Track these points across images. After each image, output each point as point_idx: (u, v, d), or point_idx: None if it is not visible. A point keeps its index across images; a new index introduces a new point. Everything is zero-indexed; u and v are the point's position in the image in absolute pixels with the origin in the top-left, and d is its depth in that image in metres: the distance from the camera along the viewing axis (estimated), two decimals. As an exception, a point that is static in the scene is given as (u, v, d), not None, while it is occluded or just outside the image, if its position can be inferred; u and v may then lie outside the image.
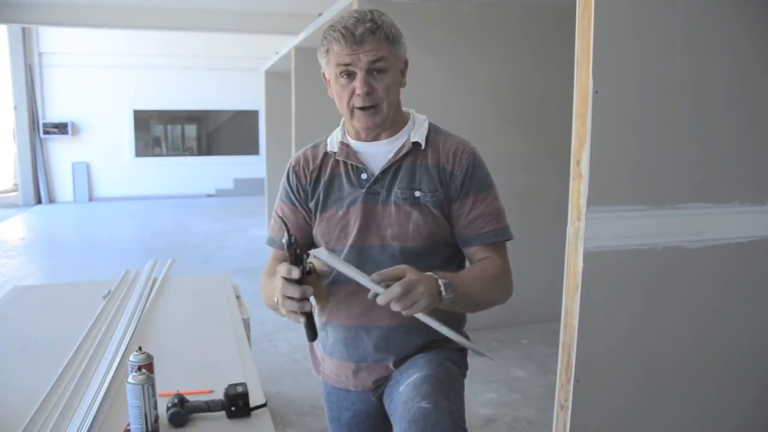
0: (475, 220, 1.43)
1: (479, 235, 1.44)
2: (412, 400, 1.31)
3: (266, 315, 4.24)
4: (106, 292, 2.44)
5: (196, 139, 12.18)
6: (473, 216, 1.43)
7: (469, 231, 1.44)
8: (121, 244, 6.97)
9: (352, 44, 1.34)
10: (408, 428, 1.27)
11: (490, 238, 1.44)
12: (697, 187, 1.78)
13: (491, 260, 1.43)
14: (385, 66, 1.38)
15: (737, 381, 1.95)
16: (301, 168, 1.52)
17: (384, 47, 1.36)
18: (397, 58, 1.42)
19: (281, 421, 2.73)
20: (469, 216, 1.44)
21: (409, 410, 1.30)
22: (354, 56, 1.35)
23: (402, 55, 1.44)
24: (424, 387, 1.34)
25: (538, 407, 2.92)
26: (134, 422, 1.30)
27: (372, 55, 1.35)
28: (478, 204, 1.43)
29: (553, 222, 2.87)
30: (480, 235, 1.44)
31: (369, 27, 1.34)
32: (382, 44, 1.36)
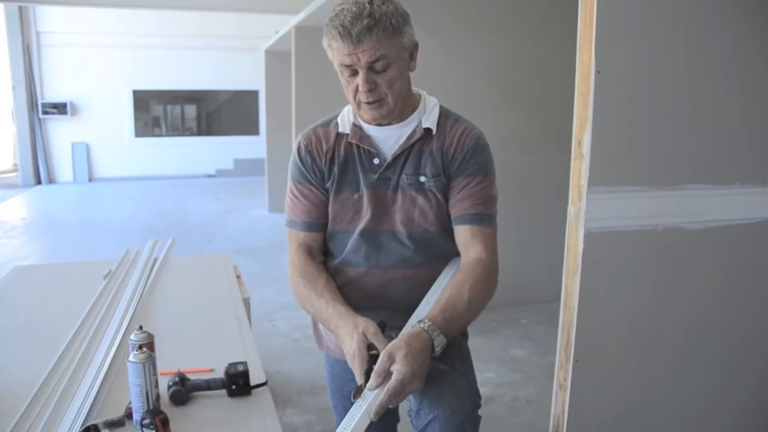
0: (464, 200, 1.43)
1: (463, 216, 1.43)
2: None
3: (266, 295, 4.26)
4: (106, 272, 2.45)
5: (196, 120, 12.13)
6: (462, 196, 1.43)
7: (455, 210, 1.44)
8: (122, 224, 6.98)
9: (350, 44, 1.31)
10: (425, 388, 1.28)
11: (474, 221, 1.43)
12: (699, 168, 1.77)
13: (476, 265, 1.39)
14: (387, 62, 1.35)
15: (737, 363, 1.95)
16: (314, 147, 1.50)
17: (384, 43, 1.32)
18: (401, 48, 1.37)
19: (281, 400, 2.75)
20: (459, 195, 1.44)
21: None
22: (353, 56, 1.33)
23: (407, 43, 1.39)
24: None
25: (537, 387, 2.94)
26: (136, 400, 1.31)
27: (370, 55, 1.32)
28: (470, 185, 1.43)
29: (553, 202, 2.87)
30: (464, 216, 1.43)
31: (366, 24, 1.29)
32: (381, 41, 1.32)
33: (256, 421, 1.36)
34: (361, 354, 1.24)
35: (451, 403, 1.26)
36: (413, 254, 1.47)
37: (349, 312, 1.33)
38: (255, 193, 8.77)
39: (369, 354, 1.25)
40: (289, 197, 1.54)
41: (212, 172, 11.27)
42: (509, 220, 3.48)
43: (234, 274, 2.48)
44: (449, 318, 1.28)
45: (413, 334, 1.23)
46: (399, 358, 1.18)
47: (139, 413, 1.30)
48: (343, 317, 1.32)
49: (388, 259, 1.48)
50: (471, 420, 1.29)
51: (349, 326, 1.29)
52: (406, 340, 1.21)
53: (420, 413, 1.28)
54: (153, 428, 1.26)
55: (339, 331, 1.31)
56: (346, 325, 1.30)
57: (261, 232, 6.61)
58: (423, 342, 1.22)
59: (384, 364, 1.19)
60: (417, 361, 1.19)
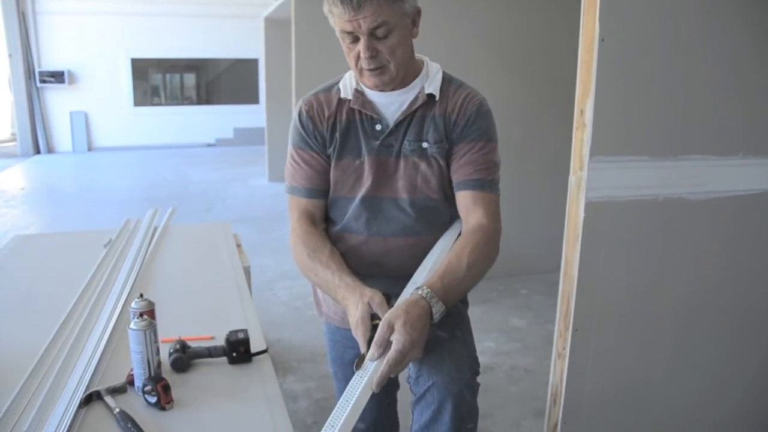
0: (465, 165, 1.42)
1: (464, 181, 1.42)
2: None
3: (266, 264, 4.27)
4: (107, 240, 2.45)
5: (195, 88, 12.03)
6: (464, 161, 1.42)
7: (456, 176, 1.43)
8: (122, 194, 6.97)
9: (350, 10, 1.29)
10: (424, 355, 1.28)
11: (475, 186, 1.41)
12: (701, 138, 1.76)
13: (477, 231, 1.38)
14: (388, 29, 1.32)
15: (738, 332, 1.96)
16: (316, 113, 1.48)
17: (385, 10, 1.30)
18: (403, 14, 1.35)
19: (282, 368, 2.78)
20: (461, 161, 1.42)
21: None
22: (354, 22, 1.30)
23: (409, 9, 1.37)
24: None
25: (536, 356, 2.97)
26: (137, 367, 1.32)
27: (371, 21, 1.30)
28: (472, 151, 1.41)
29: (554, 172, 2.87)
30: (465, 181, 1.42)
31: None
32: (383, 7, 1.29)
33: (257, 387, 1.38)
34: (365, 323, 1.24)
35: (450, 370, 1.27)
36: (415, 222, 1.47)
37: (356, 282, 1.33)
38: (255, 163, 8.74)
39: (372, 324, 1.25)
40: (290, 163, 1.52)
41: (212, 141, 11.22)
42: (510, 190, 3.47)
43: (234, 243, 2.48)
44: (448, 285, 1.27)
45: (411, 302, 1.22)
46: (398, 327, 1.18)
47: (141, 380, 1.31)
48: (350, 288, 1.32)
49: (390, 226, 1.48)
50: (469, 387, 1.30)
51: (355, 296, 1.29)
52: (404, 309, 1.20)
53: (419, 380, 1.29)
54: (154, 395, 1.27)
55: (346, 302, 1.31)
56: (352, 295, 1.30)
57: (261, 202, 6.60)
58: (421, 309, 1.21)
59: (383, 334, 1.19)
60: (415, 329, 1.18)
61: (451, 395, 1.26)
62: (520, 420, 2.43)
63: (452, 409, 1.26)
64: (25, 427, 1.21)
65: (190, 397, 1.33)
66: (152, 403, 1.28)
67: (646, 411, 1.91)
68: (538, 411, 2.43)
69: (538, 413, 2.42)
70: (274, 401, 1.32)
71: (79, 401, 1.27)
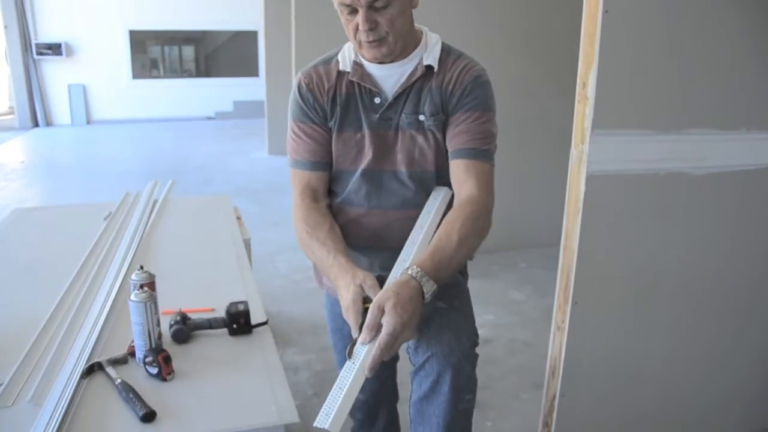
0: (460, 135, 1.39)
1: (458, 150, 1.39)
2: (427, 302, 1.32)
3: (266, 237, 4.27)
4: (106, 213, 2.45)
5: (194, 61, 11.91)
6: (459, 130, 1.39)
7: (451, 145, 1.41)
8: (121, 167, 6.95)
9: None
10: (424, 326, 1.29)
11: (468, 155, 1.38)
12: (705, 112, 1.75)
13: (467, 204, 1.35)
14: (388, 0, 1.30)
15: (737, 309, 1.97)
16: (316, 86, 1.46)
17: None
18: None
19: (282, 340, 2.79)
20: (456, 130, 1.40)
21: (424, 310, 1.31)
22: None
23: None
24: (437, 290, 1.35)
25: (534, 329, 2.98)
26: (138, 339, 1.33)
27: None
28: (468, 120, 1.39)
29: (555, 146, 2.85)
30: (459, 150, 1.39)
31: None
32: None
33: (258, 359, 1.39)
34: (356, 307, 1.21)
35: (449, 341, 1.27)
36: (414, 195, 1.46)
37: (349, 264, 1.31)
38: (255, 136, 8.70)
39: (364, 307, 1.22)
40: (291, 137, 1.50)
41: (211, 114, 11.14)
42: (510, 164, 3.46)
43: (234, 215, 2.48)
44: (438, 262, 1.24)
45: (401, 283, 1.20)
46: (388, 309, 1.15)
47: (142, 351, 1.32)
48: (342, 269, 1.30)
49: (390, 199, 1.47)
50: (468, 358, 1.30)
51: (347, 278, 1.26)
52: (394, 290, 1.18)
53: (418, 350, 1.30)
54: (155, 366, 1.28)
55: (338, 282, 1.29)
56: (344, 276, 1.27)
57: (261, 175, 6.58)
58: (412, 290, 1.19)
59: (374, 317, 1.16)
60: (406, 311, 1.16)
61: (450, 366, 1.26)
62: (518, 392, 2.45)
63: (451, 379, 1.27)
64: (28, 397, 1.22)
65: (191, 368, 1.34)
66: (153, 374, 1.29)
67: (643, 384, 1.93)
68: (536, 383, 2.45)
69: (536, 385, 2.44)
70: (275, 372, 1.33)
71: (81, 372, 1.28)
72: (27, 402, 1.21)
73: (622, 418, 1.93)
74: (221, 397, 1.24)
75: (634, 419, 1.95)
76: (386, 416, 1.79)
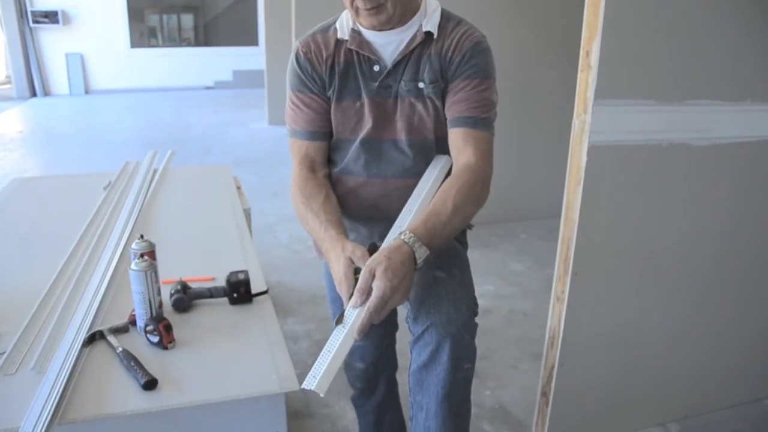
0: (459, 102, 1.37)
1: (457, 118, 1.37)
2: (426, 271, 1.32)
3: (266, 207, 4.28)
4: (106, 183, 2.44)
5: (193, 30, 11.77)
6: (458, 98, 1.37)
7: (449, 113, 1.39)
8: (120, 137, 6.91)
9: None
10: (423, 295, 1.29)
11: (467, 124, 1.36)
12: (709, 83, 1.73)
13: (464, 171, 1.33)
14: None
15: (737, 281, 1.98)
16: (314, 55, 1.44)
17: None
18: None
19: (282, 309, 2.81)
20: (455, 98, 1.38)
21: (423, 279, 1.31)
22: None
23: None
24: (437, 260, 1.34)
25: (534, 300, 3.00)
26: (139, 307, 1.33)
27: None
28: (467, 88, 1.37)
29: (556, 116, 2.83)
30: (458, 118, 1.37)
31: None
32: None
33: (258, 327, 1.39)
34: (348, 279, 1.21)
35: (448, 311, 1.27)
36: (413, 163, 1.45)
37: (339, 236, 1.30)
38: (254, 106, 8.64)
39: (355, 278, 1.22)
40: (290, 107, 1.49)
41: (211, 84, 11.05)
42: (511, 134, 3.45)
43: (234, 185, 2.47)
44: (432, 228, 1.23)
45: (393, 248, 1.19)
46: (378, 273, 1.15)
47: (143, 320, 1.33)
48: (333, 241, 1.29)
49: (389, 168, 1.46)
50: (467, 327, 1.31)
51: (337, 251, 1.26)
52: (386, 255, 1.17)
53: (417, 320, 1.30)
54: (157, 334, 1.29)
55: (329, 255, 1.29)
56: (334, 249, 1.27)
57: (261, 145, 6.55)
58: (403, 255, 1.18)
59: (365, 281, 1.16)
60: (397, 275, 1.15)
61: (449, 335, 1.27)
62: (517, 362, 2.47)
63: (450, 349, 1.27)
64: (31, 365, 1.23)
65: (192, 336, 1.35)
66: (154, 343, 1.29)
67: (642, 354, 1.94)
68: (535, 353, 2.47)
69: (535, 356, 2.46)
70: (275, 341, 1.33)
71: (83, 341, 1.29)
72: (30, 370, 1.22)
73: (621, 389, 1.95)
74: (222, 366, 1.25)
75: (633, 390, 1.97)
76: (386, 385, 1.80)
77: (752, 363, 2.13)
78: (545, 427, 1.89)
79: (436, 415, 1.33)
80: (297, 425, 2.03)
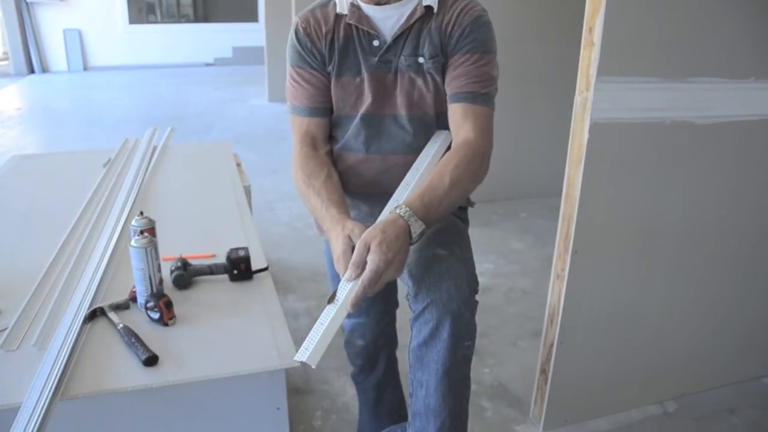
0: (459, 78, 1.36)
1: (456, 94, 1.36)
2: (426, 248, 1.32)
3: (266, 184, 4.27)
4: (106, 160, 2.43)
5: (192, 5, 11.66)
6: (458, 74, 1.36)
7: (449, 88, 1.38)
8: (119, 114, 6.88)
9: None
10: (423, 273, 1.29)
11: (467, 99, 1.35)
12: (713, 60, 1.71)
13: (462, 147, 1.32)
14: None
15: (737, 261, 1.98)
16: (313, 30, 1.42)
17: None
18: None
19: (282, 287, 2.81)
20: (454, 73, 1.36)
21: (424, 257, 1.31)
22: None
23: None
24: (437, 237, 1.34)
25: (534, 278, 3.00)
26: (139, 284, 1.33)
27: None
28: (466, 63, 1.35)
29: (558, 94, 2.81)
30: (457, 94, 1.36)
31: None
32: None
33: (258, 304, 1.39)
34: (346, 257, 1.21)
35: (449, 288, 1.27)
36: (413, 139, 1.44)
37: (341, 215, 1.29)
38: (254, 83, 8.59)
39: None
40: (290, 83, 1.48)
41: (210, 60, 10.98)
42: (512, 112, 3.43)
43: (234, 162, 2.46)
44: (428, 203, 1.22)
45: (389, 222, 1.19)
46: (373, 247, 1.15)
47: (143, 297, 1.33)
48: (334, 220, 1.29)
49: (389, 144, 1.45)
50: (468, 305, 1.31)
51: (337, 229, 1.25)
52: (381, 228, 1.17)
53: (417, 297, 1.30)
54: (157, 311, 1.29)
55: (330, 234, 1.29)
56: (335, 228, 1.27)
57: (261, 122, 6.53)
58: (399, 229, 1.18)
59: (360, 255, 1.16)
60: (391, 249, 1.15)
61: (449, 313, 1.27)
62: (516, 340, 2.48)
63: (450, 326, 1.28)
64: (32, 342, 1.24)
65: (192, 313, 1.35)
66: (155, 319, 1.30)
67: (641, 333, 1.95)
68: (534, 331, 2.48)
69: (534, 333, 2.47)
70: (275, 318, 1.34)
71: (84, 317, 1.29)
72: (31, 346, 1.23)
73: (619, 367, 1.96)
74: (222, 342, 1.26)
75: (631, 368, 1.98)
76: (385, 362, 1.81)
77: (751, 342, 2.14)
78: (544, 404, 1.90)
79: (436, 392, 1.34)
80: (297, 401, 2.05)
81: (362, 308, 1.67)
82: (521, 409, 2.05)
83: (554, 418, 1.93)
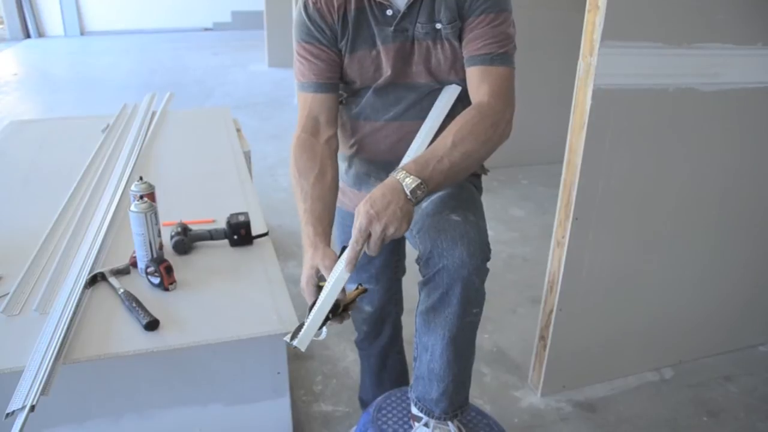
0: (474, 40, 1.32)
1: (473, 57, 1.33)
2: (440, 213, 1.31)
3: (267, 150, 4.25)
4: (104, 125, 2.42)
5: (190, -32, 11.48)
6: (473, 36, 1.33)
7: (466, 51, 1.35)
8: (117, 80, 6.82)
9: None
10: (437, 237, 1.28)
11: (484, 61, 1.31)
12: (719, 25, 1.68)
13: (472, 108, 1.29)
14: None
15: (736, 229, 1.97)
16: (324, 5, 1.37)
17: None
18: None
19: (282, 253, 2.82)
20: (470, 35, 1.33)
21: (438, 222, 1.30)
22: None
23: None
24: (451, 202, 1.33)
25: (534, 246, 3.01)
26: (139, 249, 1.33)
27: None
28: (482, 24, 1.32)
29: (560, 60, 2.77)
30: (474, 57, 1.32)
31: None
32: None
33: (258, 269, 1.40)
34: (309, 289, 1.21)
35: (462, 254, 1.26)
36: (431, 107, 1.42)
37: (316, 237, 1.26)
38: (254, 47, 8.50)
39: (318, 285, 1.21)
40: (297, 59, 1.44)
41: (209, 25, 10.83)
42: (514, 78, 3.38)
43: (234, 128, 2.45)
44: (424, 161, 1.20)
45: (379, 185, 1.18)
46: (358, 208, 1.14)
47: (144, 262, 1.33)
48: (308, 241, 1.26)
49: (408, 112, 1.43)
50: (479, 272, 1.30)
51: (309, 253, 1.24)
52: (370, 193, 1.16)
53: (429, 262, 1.29)
54: (158, 276, 1.29)
55: (304, 250, 1.27)
56: (307, 251, 1.25)
57: (261, 87, 6.47)
58: (385, 187, 1.15)
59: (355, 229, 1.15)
60: (375, 204, 1.13)
61: (460, 279, 1.26)
62: (516, 307, 2.50)
63: (460, 292, 1.27)
64: (34, 306, 1.24)
65: (193, 278, 1.35)
66: (155, 284, 1.30)
67: (639, 300, 1.95)
68: (534, 298, 2.49)
69: (534, 300, 2.48)
70: (276, 283, 1.34)
71: (85, 282, 1.29)
72: (33, 311, 1.23)
73: (618, 332, 1.97)
74: (223, 307, 1.26)
75: (629, 335, 2.00)
76: (391, 329, 1.82)
77: (748, 311, 2.15)
78: (542, 371, 1.92)
79: (441, 357, 1.35)
80: (298, 366, 2.07)
81: (372, 275, 1.67)
82: (519, 374, 2.07)
83: (552, 383, 1.95)
